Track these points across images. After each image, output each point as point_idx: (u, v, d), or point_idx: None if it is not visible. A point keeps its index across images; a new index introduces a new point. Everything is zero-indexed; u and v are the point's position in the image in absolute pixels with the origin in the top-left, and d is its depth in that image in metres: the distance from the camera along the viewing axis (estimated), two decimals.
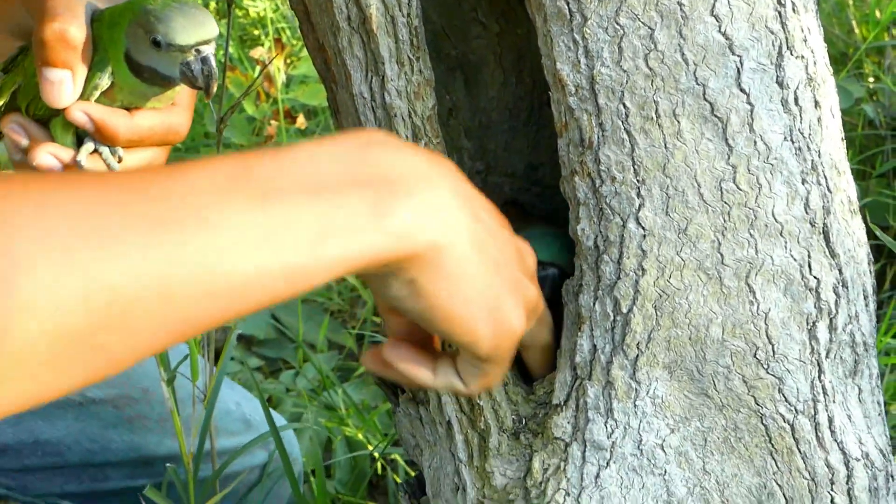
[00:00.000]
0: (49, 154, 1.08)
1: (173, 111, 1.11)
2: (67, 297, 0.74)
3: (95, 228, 0.76)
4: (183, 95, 1.12)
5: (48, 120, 1.09)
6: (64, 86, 1.05)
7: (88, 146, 1.07)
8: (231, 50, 3.54)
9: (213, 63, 1.04)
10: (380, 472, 2.31)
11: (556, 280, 1.23)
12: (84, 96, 1.06)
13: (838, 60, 2.92)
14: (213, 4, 3.70)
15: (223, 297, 0.81)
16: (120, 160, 1.08)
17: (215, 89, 1.05)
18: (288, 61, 2.97)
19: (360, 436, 2.26)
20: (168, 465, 1.61)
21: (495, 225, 0.98)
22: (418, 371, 1.02)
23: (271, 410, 1.76)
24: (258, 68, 3.02)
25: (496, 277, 0.96)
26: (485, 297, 0.94)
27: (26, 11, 1.08)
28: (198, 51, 1.03)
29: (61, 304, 0.74)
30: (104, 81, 1.06)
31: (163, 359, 1.54)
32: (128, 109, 1.09)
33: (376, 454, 2.23)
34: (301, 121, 3.02)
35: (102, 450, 1.64)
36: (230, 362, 2.43)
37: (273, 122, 2.95)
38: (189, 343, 1.55)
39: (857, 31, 2.94)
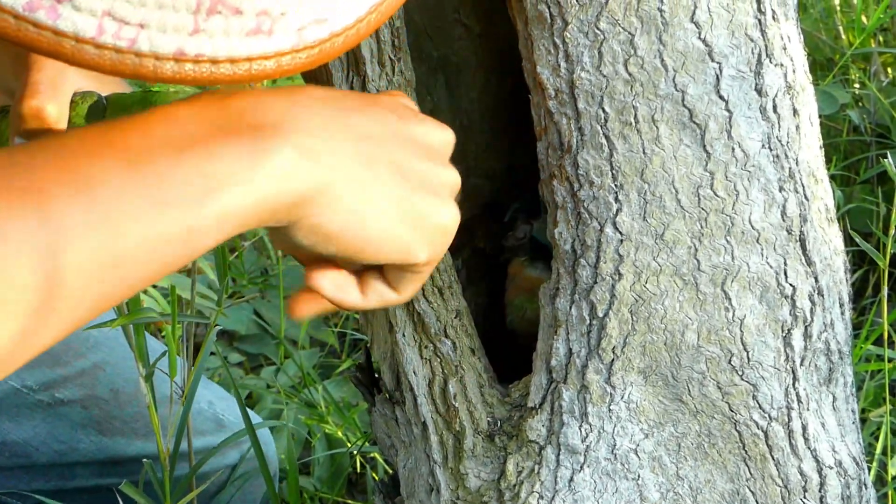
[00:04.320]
0: None
1: None
2: None
3: None
4: None
5: None
6: None
7: None
8: None
9: None
10: (359, 469, 2.31)
11: (536, 196, 1.24)
12: None
13: (825, 66, 2.92)
14: None
15: (118, 271, 0.80)
16: None
17: None
18: None
19: (340, 433, 2.26)
20: (145, 459, 1.61)
21: (384, 127, 0.93)
22: (347, 296, 0.99)
23: (248, 410, 1.76)
24: None
25: (403, 184, 0.92)
26: (398, 210, 0.91)
27: (15, 77, 1.11)
28: None
29: None
30: None
31: (141, 355, 1.53)
32: None
33: (355, 452, 2.24)
34: None
35: (71, 450, 1.64)
36: (211, 358, 2.43)
37: None
38: (168, 340, 1.54)
39: (843, 36, 2.94)
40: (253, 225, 0.84)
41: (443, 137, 1.00)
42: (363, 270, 0.98)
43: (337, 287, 0.97)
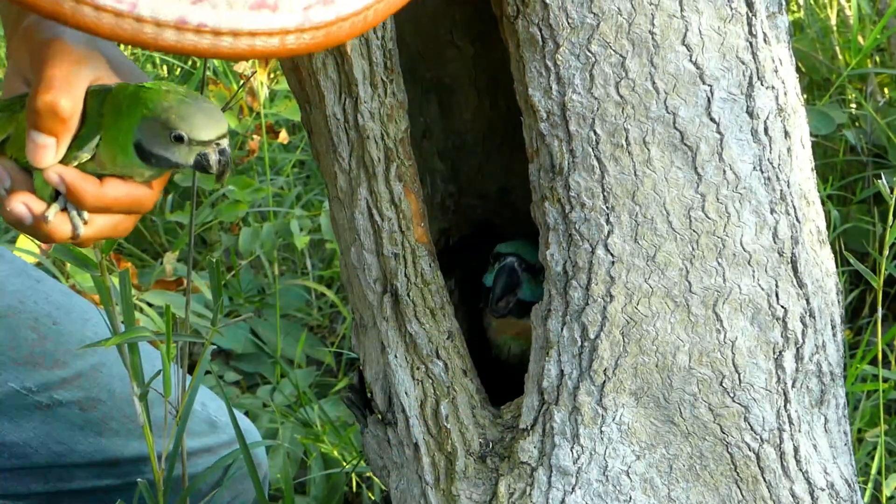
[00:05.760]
0: (22, 203, 1.14)
1: (141, 185, 1.15)
2: None
3: None
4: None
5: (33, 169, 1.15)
6: (47, 150, 1.11)
7: (58, 205, 1.15)
8: (216, 63, 3.54)
9: (229, 153, 1.11)
10: (355, 489, 2.31)
11: (514, 267, 1.27)
12: (63, 161, 1.11)
13: (821, 86, 2.92)
14: None
15: None
16: (86, 222, 1.15)
17: (228, 174, 1.11)
18: (271, 76, 2.96)
19: (336, 453, 2.26)
20: (139, 480, 1.61)
21: None
22: None
23: (244, 418, 1.76)
24: (242, 82, 3.02)
25: None
26: None
27: (32, 71, 1.13)
28: (217, 143, 1.10)
29: None
30: (84, 154, 1.13)
31: (136, 373, 1.53)
32: (120, 177, 1.14)
33: (351, 471, 2.23)
34: (283, 136, 3.02)
35: (69, 451, 1.65)
36: (206, 377, 2.43)
37: (255, 136, 2.95)
38: (163, 358, 1.54)
39: (840, 57, 2.95)
40: None
41: None
42: None
43: None
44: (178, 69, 3.59)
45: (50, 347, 1.63)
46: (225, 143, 1.11)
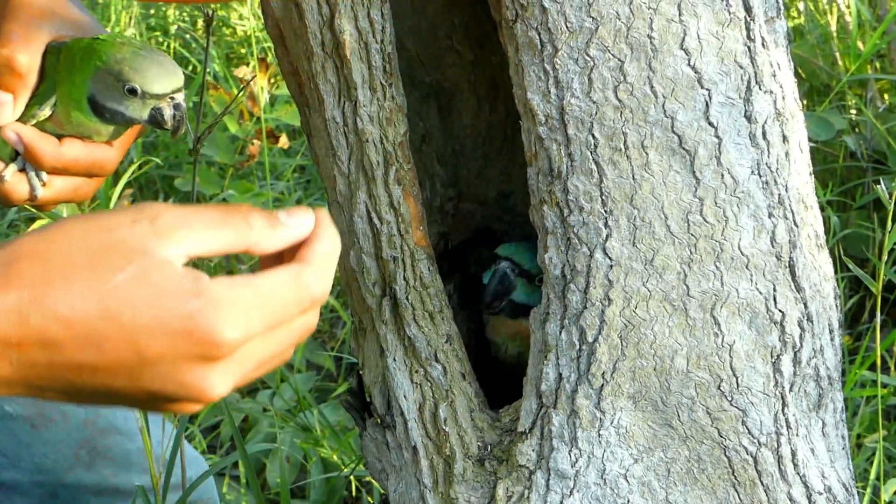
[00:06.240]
0: None
1: (102, 146, 1.13)
2: None
3: None
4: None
5: None
6: (4, 107, 1.10)
7: (15, 165, 1.13)
8: (216, 68, 3.54)
9: (184, 108, 1.09)
10: (354, 493, 2.31)
11: (506, 272, 1.29)
12: (22, 120, 1.10)
13: (821, 92, 2.93)
14: (199, 22, 3.72)
15: None
16: (44, 184, 1.13)
17: (183, 131, 1.09)
18: (272, 81, 2.97)
19: (335, 457, 2.26)
20: (137, 485, 1.58)
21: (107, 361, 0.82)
22: None
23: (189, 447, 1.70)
24: (242, 87, 3.02)
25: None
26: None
27: None
28: (172, 98, 1.07)
29: None
30: (43, 112, 1.11)
31: None
32: (80, 137, 1.12)
33: (350, 476, 2.24)
34: (284, 140, 3.03)
35: (10, 465, 1.58)
36: None
37: (256, 141, 2.95)
38: None
39: (840, 62, 2.95)
40: None
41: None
42: None
43: None
44: None
45: None
46: (180, 97, 1.09)
